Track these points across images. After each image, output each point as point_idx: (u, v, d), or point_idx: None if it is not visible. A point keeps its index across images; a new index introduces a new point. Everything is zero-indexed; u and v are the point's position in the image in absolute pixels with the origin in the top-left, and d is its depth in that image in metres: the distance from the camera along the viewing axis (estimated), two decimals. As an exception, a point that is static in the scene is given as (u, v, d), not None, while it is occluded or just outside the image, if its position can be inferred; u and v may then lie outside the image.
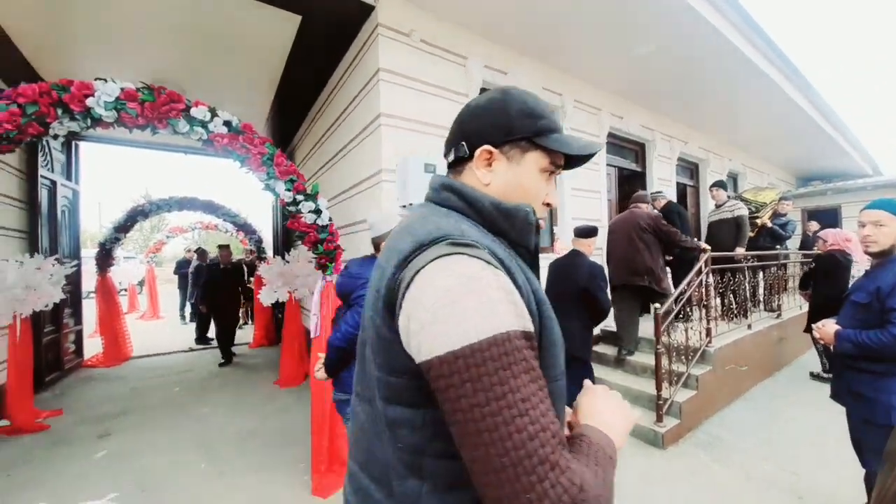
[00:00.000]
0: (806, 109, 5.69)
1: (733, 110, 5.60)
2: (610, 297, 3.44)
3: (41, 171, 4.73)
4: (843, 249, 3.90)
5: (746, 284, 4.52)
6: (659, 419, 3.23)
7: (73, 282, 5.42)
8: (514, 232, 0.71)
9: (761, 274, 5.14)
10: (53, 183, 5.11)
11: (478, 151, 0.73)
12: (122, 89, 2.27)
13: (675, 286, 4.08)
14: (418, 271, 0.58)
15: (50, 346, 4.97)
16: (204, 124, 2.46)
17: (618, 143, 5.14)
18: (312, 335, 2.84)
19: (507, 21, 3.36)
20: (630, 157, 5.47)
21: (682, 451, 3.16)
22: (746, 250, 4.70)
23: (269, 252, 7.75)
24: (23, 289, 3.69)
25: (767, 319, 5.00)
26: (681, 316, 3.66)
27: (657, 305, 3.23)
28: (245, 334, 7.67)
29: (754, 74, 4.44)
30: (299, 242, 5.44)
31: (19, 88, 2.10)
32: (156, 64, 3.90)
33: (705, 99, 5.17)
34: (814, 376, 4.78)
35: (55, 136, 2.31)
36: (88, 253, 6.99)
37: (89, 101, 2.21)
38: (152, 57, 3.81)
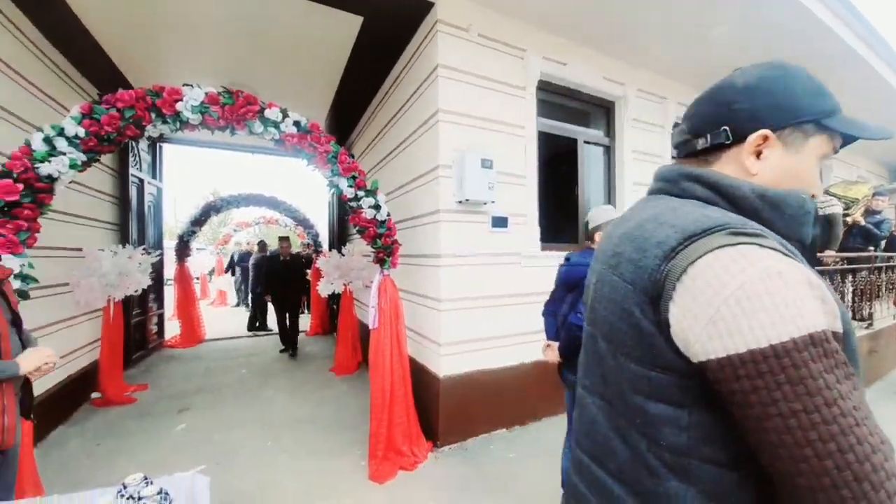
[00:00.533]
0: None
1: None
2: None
3: (131, 171, 5.26)
4: None
5: (834, 290, 4.10)
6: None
7: (157, 270, 5.99)
8: (782, 222, 0.62)
9: (850, 278, 4.62)
10: (141, 181, 5.67)
11: (752, 137, 0.64)
12: (206, 93, 2.46)
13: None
14: (693, 262, 0.54)
15: (137, 327, 5.54)
16: (276, 125, 2.60)
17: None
18: (371, 327, 2.93)
19: (564, 10, 3.25)
20: (696, 149, 5.10)
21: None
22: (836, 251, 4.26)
23: (325, 246, 8.11)
24: (116, 275, 4.13)
25: (856, 329, 4.50)
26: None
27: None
28: (302, 323, 8.12)
29: (845, 56, 3.96)
30: (355, 236, 5.65)
31: (117, 94, 2.34)
32: (225, 66, 4.15)
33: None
34: None
35: (148, 138, 2.55)
36: (168, 245, 7.70)
37: (179, 106, 2.42)
38: (222, 61, 4.08)
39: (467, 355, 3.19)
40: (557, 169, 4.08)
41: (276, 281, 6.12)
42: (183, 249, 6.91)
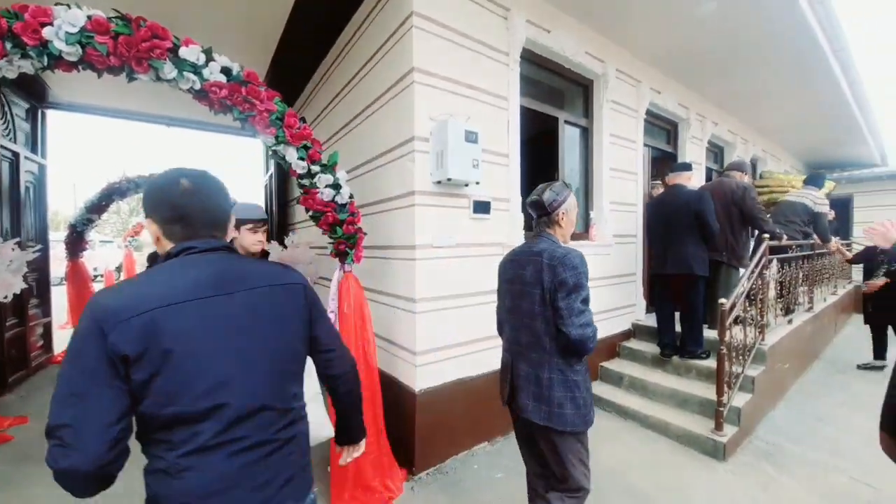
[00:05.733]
0: (845, 91, 5.32)
1: (771, 89, 5.17)
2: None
3: (0, 141, 4.08)
4: None
5: (801, 276, 4.36)
6: (718, 427, 2.88)
7: (39, 268, 4.78)
8: None
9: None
10: (16, 155, 4.45)
11: None
12: (88, 17, 1.71)
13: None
14: None
15: (13, 341, 4.36)
16: (196, 69, 1.91)
17: (652, 122, 4.69)
18: (331, 336, 2.35)
19: (550, -30, 2.86)
20: (662, 137, 5.03)
21: (744, 463, 2.82)
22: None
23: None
24: (-26, 277, 3.11)
25: (803, 313, 4.71)
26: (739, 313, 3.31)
27: (723, 301, 2.84)
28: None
29: (809, 47, 4.01)
30: (300, 225, 4.89)
31: (-53, 9, 1.54)
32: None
33: (747, 75, 4.67)
34: (863, 367, 4.67)
35: (3, 80, 1.75)
36: (60, 237, 6.31)
37: (46, 32, 1.65)
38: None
39: (446, 363, 2.73)
40: (534, 151, 3.73)
41: None
42: (76, 242, 5.64)
